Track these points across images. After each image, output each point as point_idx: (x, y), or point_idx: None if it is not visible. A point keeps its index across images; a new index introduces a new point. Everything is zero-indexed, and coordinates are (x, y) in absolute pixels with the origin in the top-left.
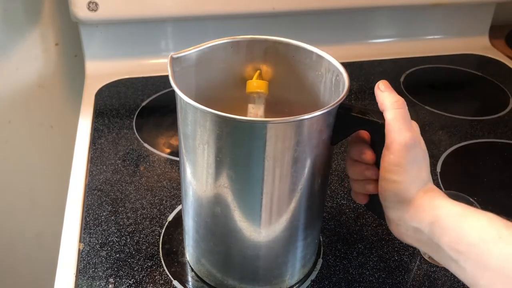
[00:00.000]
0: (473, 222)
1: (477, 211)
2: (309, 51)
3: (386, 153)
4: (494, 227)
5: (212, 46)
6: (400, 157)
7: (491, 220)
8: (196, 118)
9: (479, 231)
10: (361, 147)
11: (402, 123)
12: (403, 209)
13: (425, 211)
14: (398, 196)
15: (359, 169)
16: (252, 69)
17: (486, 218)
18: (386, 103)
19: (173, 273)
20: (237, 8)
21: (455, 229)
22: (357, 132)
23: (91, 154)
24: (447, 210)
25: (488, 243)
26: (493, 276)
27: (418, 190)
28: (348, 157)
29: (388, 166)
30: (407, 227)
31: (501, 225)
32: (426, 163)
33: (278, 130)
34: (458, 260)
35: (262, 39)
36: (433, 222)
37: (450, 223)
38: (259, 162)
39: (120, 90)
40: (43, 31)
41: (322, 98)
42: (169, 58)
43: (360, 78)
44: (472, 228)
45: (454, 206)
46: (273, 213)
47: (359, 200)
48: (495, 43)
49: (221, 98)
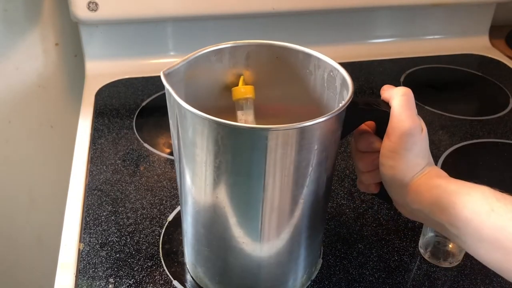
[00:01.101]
0: (467, 197)
1: (472, 187)
2: (295, 50)
3: (385, 139)
4: (486, 201)
5: (197, 56)
6: (397, 144)
7: (484, 194)
8: (196, 127)
9: (473, 205)
10: (368, 137)
11: (404, 110)
12: (403, 193)
13: (423, 193)
14: (395, 181)
15: (370, 159)
16: (234, 76)
17: (479, 192)
18: (392, 93)
19: (173, 273)
20: (237, 8)
21: (453, 206)
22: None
23: (91, 154)
24: (443, 189)
25: (482, 216)
26: (490, 247)
27: (415, 175)
28: (355, 151)
29: (385, 151)
30: (411, 209)
31: (493, 198)
32: (423, 150)
33: (280, 137)
34: (458, 235)
35: (244, 44)
36: (432, 203)
37: (446, 202)
38: (260, 170)
39: (120, 90)
40: (43, 31)
41: (313, 94)
42: (161, 75)
43: (360, 78)
44: (467, 204)
45: (449, 184)
46: (274, 223)
47: (371, 190)
48: (495, 43)
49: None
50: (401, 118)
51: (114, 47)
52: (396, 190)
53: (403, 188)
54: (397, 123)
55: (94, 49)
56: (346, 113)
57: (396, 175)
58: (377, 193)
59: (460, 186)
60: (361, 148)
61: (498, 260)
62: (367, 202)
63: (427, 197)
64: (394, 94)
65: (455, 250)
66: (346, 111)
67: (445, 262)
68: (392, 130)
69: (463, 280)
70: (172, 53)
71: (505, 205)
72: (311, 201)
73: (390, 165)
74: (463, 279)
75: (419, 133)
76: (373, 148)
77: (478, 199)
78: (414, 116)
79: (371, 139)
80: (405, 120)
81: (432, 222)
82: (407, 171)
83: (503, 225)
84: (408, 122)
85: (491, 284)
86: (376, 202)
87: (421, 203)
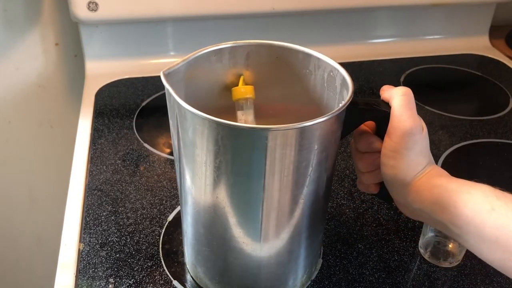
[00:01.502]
0: (468, 196)
1: (472, 185)
2: (295, 50)
3: (387, 138)
4: (487, 199)
5: (197, 56)
6: (398, 143)
7: (484, 193)
8: (196, 127)
9: (474, 204)
10: (368, 138)
11: (405, 110)
12: (405, 193)
13: (424, 192)
14: (397, 181)
15: (370, 159)
16: (234, 76)
17: (480, 191)
18: (392, 93)
19: (173, 273)
20: (237, 8)
21: (453, 205)
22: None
23: (91, 154)
24: (443, 188)
25: (483, 215)
26: (492, 246)
27: (416, 174)
28: (355, 152)
29: (386, 151)
30: (412, 209)
31: (494, 197)
32: (424, 149)
33: (280, 137)
34: (461, 234)
35: (244, 44)
36: (433, 202)
37: (447, 201)
38: (260, 170)
39: (120, 90)
40: (43, 31)
41: (313, 94)
42: (161, 75)
43: (360, 78)
44: (467, 203)
45: (450, 183)
46: (274, 223)
47: (371, 190)
48: (495, 43)
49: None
50: (402, 118)
51: (114, 47)
52: (397, 190)
53: (405, 187)
54: (398, 123)
55: (94, 49)
56: (346, 113)
57: (398, 175)
58: (377, 193)
59: (461, 185)
60: (361, 149)
61: (500, 259)
62: (367, 202)
63: (428, 197)
64: (394, 94)
65: (455, 250)
66: (346, 111)
67: (445, 262)
68: (393, 129)
69: (463, 280)
70: (172, 53)
71: (505, 203)
72: (311, 201)
73: (392, 165)
74: (463, 279)
75: (420, 133)
76: (373, 148)
77: (478, 198)
78: (415, 115)
79: (371, 139)
80: (406, 119)
81: (434, 222)
82: (408, 170)
83: (504, 224)
84: (409, 122)
85: (491, 284)
86: (376, 202)
87: (423, 203)
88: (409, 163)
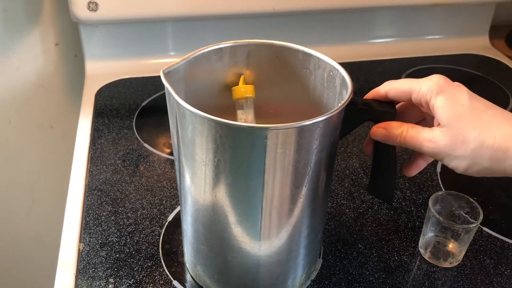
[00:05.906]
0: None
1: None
2: (295, 50)
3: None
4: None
5: (197, 55)
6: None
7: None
8: (196, 126)
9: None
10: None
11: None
12: (501, 165)
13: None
14: (491, 161)
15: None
16: (235, 75)
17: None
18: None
19: (173, 273)
20: (237, 8)
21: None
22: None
23: (91, 154)
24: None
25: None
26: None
27: (497, 137)
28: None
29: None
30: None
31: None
32: (478, 118)
33: (279, 136)
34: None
35: (245, 43)
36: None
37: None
38: (259, 169)
39: (120, 90)
40: (43, 31)
41: (313, 94)
42: (161, 73)
43: (360, 78)
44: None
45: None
46: (273, 222)
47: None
48: (495, 43)
49: (209, 108)
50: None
51: (114, 47)
52: (490, 164)
53: (498, 161)
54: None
55: (94, 49)
56: (345, 112)
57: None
58: (377, 193)
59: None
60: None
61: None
62: (367, 202)
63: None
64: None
65: (455, 250)
66: (345, 110)
67: (445, 262)
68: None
69: (463, 280)
70: (172, 53)
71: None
72: (310, 200)
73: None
74: (463, 279)
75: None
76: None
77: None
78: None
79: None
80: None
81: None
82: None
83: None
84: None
85: (491, 284)
86: (376, 202)
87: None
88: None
